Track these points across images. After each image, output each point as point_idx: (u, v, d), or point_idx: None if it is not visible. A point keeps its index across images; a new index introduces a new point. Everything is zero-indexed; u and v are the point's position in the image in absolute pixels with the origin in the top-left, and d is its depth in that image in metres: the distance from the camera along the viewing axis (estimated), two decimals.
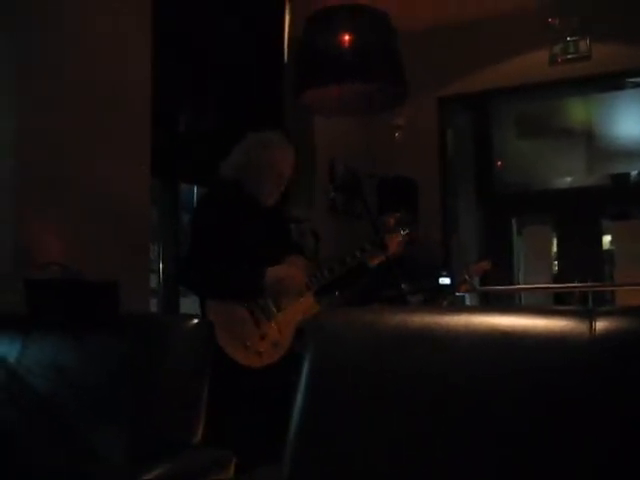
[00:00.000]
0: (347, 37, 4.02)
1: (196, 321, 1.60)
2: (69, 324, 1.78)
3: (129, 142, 3.34)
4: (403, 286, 3.12)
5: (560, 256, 6.92)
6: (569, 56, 5.13)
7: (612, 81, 5.43)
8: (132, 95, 3.39)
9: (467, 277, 4.06)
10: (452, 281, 4.60)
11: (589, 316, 1.07)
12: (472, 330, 1.13)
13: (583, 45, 5.07)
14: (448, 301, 3.89)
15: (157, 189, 3.42)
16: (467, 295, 4.47)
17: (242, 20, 4.44)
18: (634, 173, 6.53)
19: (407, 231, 2.84)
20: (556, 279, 6.73)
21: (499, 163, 6.98)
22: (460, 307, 2.29)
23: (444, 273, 4.59)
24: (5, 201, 2.79)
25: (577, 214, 6.59)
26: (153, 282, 3.50)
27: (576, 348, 1.04)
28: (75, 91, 3.08)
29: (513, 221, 7.03)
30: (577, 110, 6.75)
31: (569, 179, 6.76)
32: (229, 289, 2.32)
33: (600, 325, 1.05)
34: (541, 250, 6.95)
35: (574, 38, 5.09)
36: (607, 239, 6.75)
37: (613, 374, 1.01)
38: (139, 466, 1.39)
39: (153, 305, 3.48)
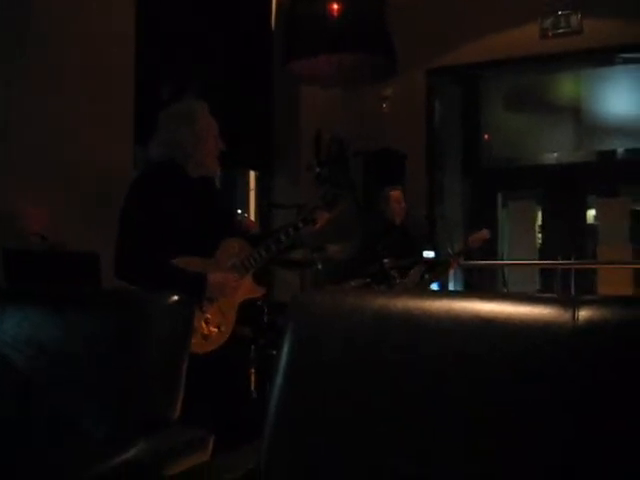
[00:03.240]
0: (336, 6, 3.96)
1: (177, 297, 1.58)
2: (47, 297, 1.75)
3: (112, 110, 3.29)
4: (386, 261, 3.11)
5: (544, 230, 6.96)
6: (560, 30, 5.09)
7: (603, 57, 5.39)
8: (115, 62, 3.34)
9: (453, 252, 4.07)
10: (436, 254, 4.61)
11: (572, 305, 1.06)
12: (454, 316, 1.13)
13: (574, 19, 5.03)
14: (430, 276, 3.90)
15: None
16: (452, 271, 4.48)
17: None
18: (621, 150, 6.53)
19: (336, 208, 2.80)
20: (540, 253, 6.77)
21: (486, 136, 6.96)
22: (442, 292, 2.29)
23: (428, 247, 4.60)
24: None
25: (563, 190, 6.61)
26: None
27: (559, 336, 1.04)
28: (58, 59, 3.02)
29: (499, 195, 7.05)
30: (566, 85, 6.73)
31: (556, 154, 6.76)
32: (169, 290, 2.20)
33: (583, 314, 1.04)
34: (525, 224, 6.98)
35: (565, 12, 5.05)
36: (592, 214, 6.79)
37: (595, 362, 1.01)
38: (120, 443, 1.39)
39: None
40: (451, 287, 5.79)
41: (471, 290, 6.13)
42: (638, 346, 1.01)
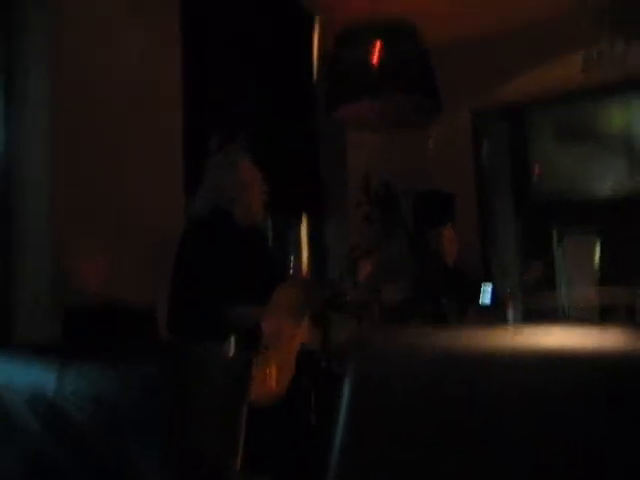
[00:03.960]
0: (378, 50, 4.00)
1: (234, 351, 1.57)
2: (107, 353, 1.76)
3: (161, 165, 3.35)
4: (443, 301, 3.06)
5: (604, 266, 6.77)
6: (604, 60, 5.03)
7: None
8: (164, 114, 3.41)
9: (509, 290, 3.99)
10: (493, 292, 4.52)
11: None
12: (521, 350, 1.08)
13: (618, 48, 4.96)
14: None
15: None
16: (510, 312, 4.39)
17: (272, 36, 4.45)
18: None
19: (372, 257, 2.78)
20: (601, 290, 6.57)
21: (537, 171, 6.87)
22: (506, 327, 2.24)
23: (485, 287, 4.51)
24: (42, 229, 2.81)
25: (620, 222, 6.44)
26: None
27: (633, 366, 0.98)
28: (115, 117, 3.11)
29: (553, 231, 6.91)
30: (615, 115, 6.62)
31: (610, 186, 6.62)
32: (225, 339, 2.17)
33: None
34: (584, 261, 6.81)
35: (608, 42, 4.99)
36: None
37: None
38: None
39: None
40: None
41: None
42: None
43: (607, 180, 6.65)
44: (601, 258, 6.78)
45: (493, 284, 4.64)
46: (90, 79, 3.03)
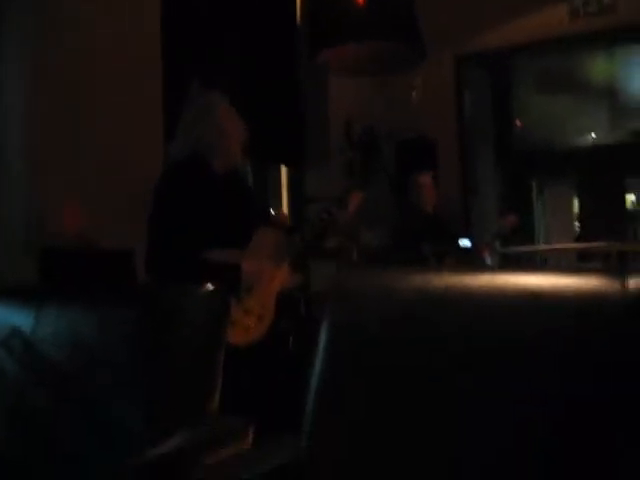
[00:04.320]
0: None
1: (212, 288, 1.57)
2: (85, 295, 1.75)
3: (141, 109, 3.30)
4: (423, 247, 3.07)
5: (582, 216, 6.83)
6: (591, 9, 4.97)
7: (637, 35, 5.25)
8: (143, 60, 3.34)
9: (490, 239, 4.02)
10: (472, 243, 4.55)
11: (621, 276, 1.02)
12: (498, 291, 1.09)
13: None
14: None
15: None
16: (488, 259, 4.43)
17: None
18: None
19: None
20: (578, 240, 6.65)
21: (518, 122, 6.86)
22: (484, 268, 2.24)
23: (464, 235, 4.53)
24: (19, 170, 2.78)
25: (599, 173, 6.48)
26: None
27: (609, 308, 1.00)
28: (88, 60, 3.05)
29: (533, 181, 6.94)
30: (599, 65, 6.58)
31: (591, 137, 6.63)
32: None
33: (633, 285, 1.00)
34: (563, 211, 6.86)
35: None
36: (631, 198, 6.65)
37: None
38: (158, 434, 1.38)
39: None
40: None
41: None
42: None
43: (588, 131, 6.66)
44: (580, 211, 6.85)
45: (471, 237, 4.67)
46: (70, 30, 2.95)
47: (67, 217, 2.83)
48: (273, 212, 3.89)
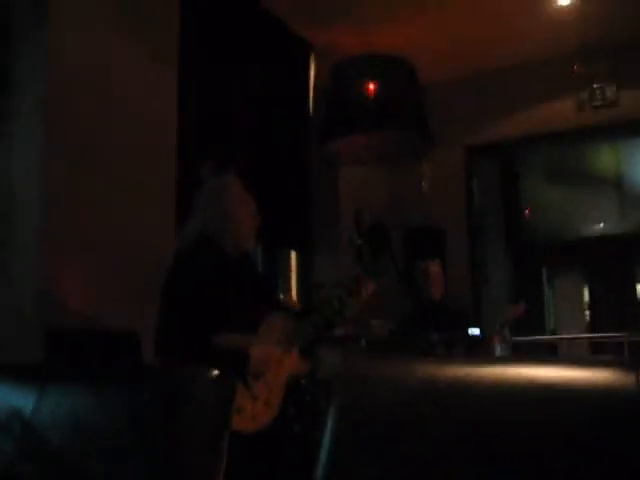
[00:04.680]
0: (372, 86, 4.04)
1: (218, 373, 1.54)
2: (88, 375, 1.73)
3: (154, 190, 3.34)
4: (431, 336, 3.04)
5: (593, 306, 6.77)
6: (596, 103, 5.09)
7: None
8: (158, 146, 3.41)
9: (497, 327, 3.98)
10: (482, 332, 4.51)
11: (636, 367, 1.00)
12: (508, 383, 1.06)
13: (610, 91, 5.04)
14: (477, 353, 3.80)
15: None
16: (498, 347, 4.37)
17: (269, 68, 4.48)
18: None
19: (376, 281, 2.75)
20: (590, 330, 6.57)
21: (527, 212, 6.90)
22: (494, 358, 2.21)
23: (473, 324, 4.50)
24: (28, 250, 2.79)
25: (609, 262, 6.46)
26: None
27: (622, 401, 0.97)
28: (104, 141, 3.11)
29: (543, 270, 6.92)
30: (605, 157, 6.68)
31: (600, 227, 6.66)
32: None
33: None
34: (573, 300, 6.81)
35: (601, 85, 5.06)
36: None
37: None
38: None
39: None
40: None
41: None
42: None
43: (597, 221, 6.69)
44: (590, 300, 6.80)
45: (480, 326, 4.64)
46: (87, 103, 3.03)
47: (75, 296, 2.83)
48: (282, 297, 3.88)
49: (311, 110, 4.94)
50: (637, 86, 4.95)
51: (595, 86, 5.08)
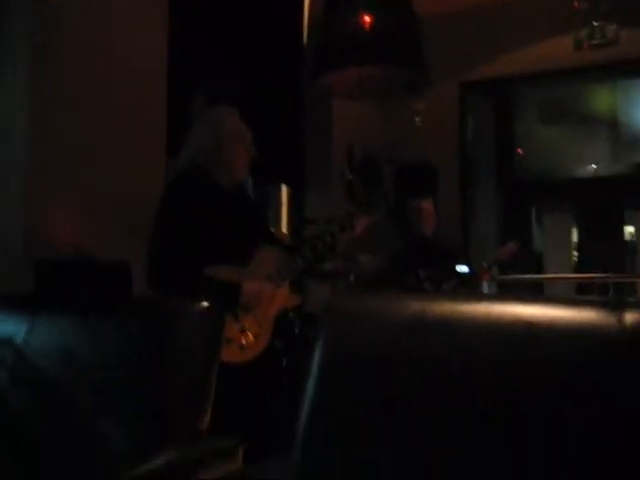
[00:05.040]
0: (367, 19, 3.95)
1: (207, 305, 1.56)
2: (79, 306, 1.75)
3: (144, 123, 3.31)
4: (420, 272, 3.06)
5: (581, 246, 6.83)
6: (595, 41, 5.01)
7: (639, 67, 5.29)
8: (147, 75, 3.35)
9: (485, 265, 4.01)
10: (470, 269, 4.55)
11: (618, 308, 1.02)
12: (494, 320, 1.08)
13: (610, 30, 4.95)
14: (463, 290, 3.84)
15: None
16: (485, 285, 4.42)
17: (260, 1, 4.37)
18: None
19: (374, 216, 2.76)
20: (576, 270, 6.64)
21: (520, 151, 6.88)
22: (481, 295, 2.24)
23: (462, 261, 4.53)
24: (16, 183, 2.77)
25: (599, 204, 6.48)
26: None
27: (605, 340, 0.99)
28: (90, 73, 3.05)
29: (533, 210, 6.94)
30: (602, 97, 6.62)
31: (592, 168, 6.65)
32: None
33: (629, 317, 1.00)
34: (561, 240, 6.86)
35: (601, 23, 4.97)
36: (629, 230, 6.65)
37: None
38: (147, 452, 1.36)
39: None
40: None
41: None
42: None
43: (590, 162, 6.68)
44: (579, 241, 6.85)
45: (469, 264, 4.67)
46: (73, 40, 2.96)
47: (64, 229, 2.82)
48: (273, 231, 3.89)
49: (305, 42, 4.85)
50: (638, 25, 4.87)
51: (595, 24, 4.99)
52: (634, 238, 6.60)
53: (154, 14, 3.43)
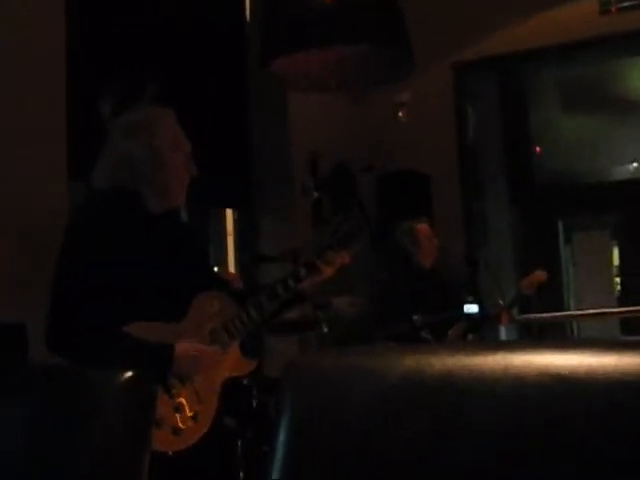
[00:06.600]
0: None
1: (131, 374, 1.54)
2: None
3: (40, 141, 3.31)
4: (416, 317, 3.08)
5: (625, 270, 6.92)
6: (625, 3, 5.14)
7: None
8: (43, 77, 3.37)
9: (502, 303, 4.05)
10: (482, 310, 4.58)
11: None
12: (514, 375, 1.09)
13: None
14: (474, 336, 3.87)
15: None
16: (503, 330, 4.46)
17: None
18: None
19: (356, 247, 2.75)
20: (620, 301, 6.72)
21: (538, 148, 6.98)
22: (496, 344, 2.23)
23: (471, 299, 4.57)
24: None
25: None
26: None
27: None
28: None
29: (559, 225, 7.03)
30: (637, 73, 6.76)
31: (633, 167, 6.77)
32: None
33: None
34: (599, 263, 6.95)
35: None
36: None
37: None
38: None
39: None
40: None
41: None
42: None
43: (629, 160, 6.80)
44: (621, 263, 6.95)
45: (480, 301, 4.71)
46: None
47: None
48: (217, 271, 3.89)
49: (248, 18, 4.89)
50: None
51: None
52: None
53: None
